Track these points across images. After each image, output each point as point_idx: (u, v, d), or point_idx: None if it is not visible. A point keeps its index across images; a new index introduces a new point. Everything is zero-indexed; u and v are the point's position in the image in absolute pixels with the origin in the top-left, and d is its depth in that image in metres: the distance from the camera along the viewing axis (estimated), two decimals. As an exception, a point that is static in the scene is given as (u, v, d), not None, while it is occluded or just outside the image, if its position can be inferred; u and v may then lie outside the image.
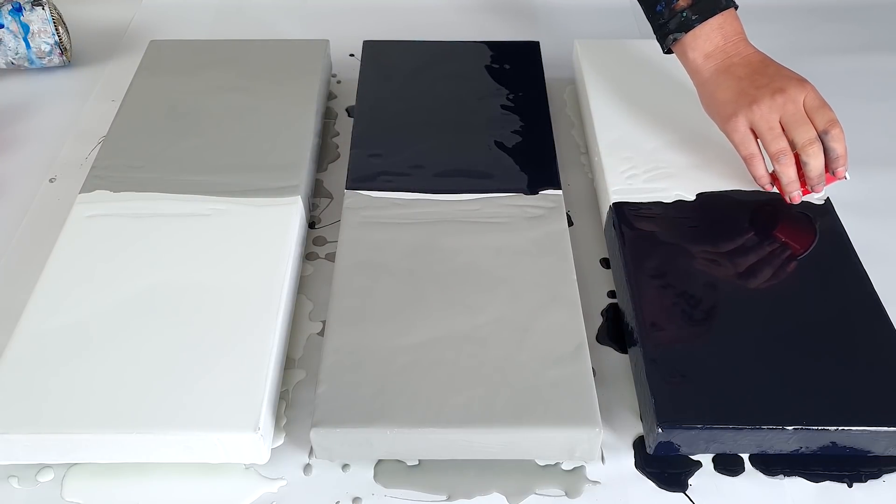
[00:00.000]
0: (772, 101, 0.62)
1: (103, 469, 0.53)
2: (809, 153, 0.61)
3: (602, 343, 0.62)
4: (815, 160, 0.62)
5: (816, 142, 0.61)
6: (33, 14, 0.84)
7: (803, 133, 0.61)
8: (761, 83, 0.63)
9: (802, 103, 0.62)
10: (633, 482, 0.53)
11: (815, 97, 0.62)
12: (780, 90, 0.62)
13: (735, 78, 0.64)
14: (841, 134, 0.61)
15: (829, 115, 0.61)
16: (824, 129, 0.61)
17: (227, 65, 0.80)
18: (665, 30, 0.67)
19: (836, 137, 0.61)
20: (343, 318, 0.57)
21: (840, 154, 0.62)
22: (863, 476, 0.54)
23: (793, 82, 0.62)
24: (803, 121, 0.61)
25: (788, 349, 0.55)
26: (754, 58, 0.65)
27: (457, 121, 0.74)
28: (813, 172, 0.62)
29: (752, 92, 0.63)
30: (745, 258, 0.62)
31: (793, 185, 0.64)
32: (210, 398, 0.51)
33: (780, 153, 0.62)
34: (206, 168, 0.68)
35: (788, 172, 0.63)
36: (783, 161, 0.62)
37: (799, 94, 0.62)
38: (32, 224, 0.71)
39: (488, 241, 0.62)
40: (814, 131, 0.61)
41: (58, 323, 0.56)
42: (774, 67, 0.64)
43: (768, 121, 0.62)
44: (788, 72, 0.64)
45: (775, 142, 0.62)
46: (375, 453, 0.53)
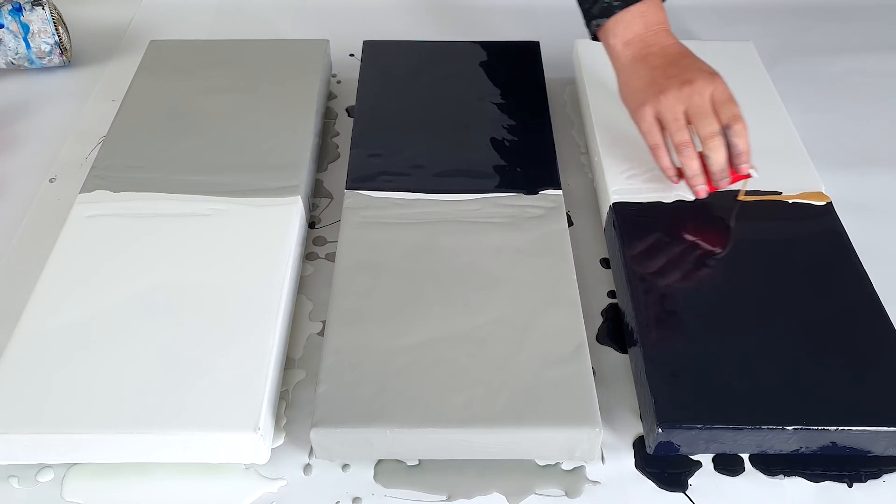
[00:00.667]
0: (678, 92, 0.61)
1: (103, 469, 0.53)
2: (710, 146, 0.61)
3: (602, 343, 0.62)
4: (715, 154, 0.61)
5: (718, 136, 0.60)
6: (33, 14, 0.84)
7: (705, 126, 0.60)
8: (672, 74, 0.62)
9: (710, 97, 0.61)
10: (633, 482, 0.53)
11: (723, 91, 0.61)
12: (688, 82, 0.61)
13: (649, 67, 0.63)
14: (743, 130, 0.60)
15: (734, 111, 0.61)
16: (727, 124, 0.60)
17: (227, 65, 0.80)
18: (590, 15, 0.67)
19: (737, 133, 0.60)
20: (343, 318, 0.57)
21: (742, 150, 0.61)
22: (863, 476, 0.54)
23: (703, 75, 0.61)
24: (707, 114, 0.60)
25: (788, 349, 0.55)
26: (672, 49, 0.64)
27: (457, 121, 0.74)
28: (714, 167, 0.61)
29: (662, 82, 0.62)
30: (744, 258, 0.62)
31: (697, 179, 0.63)
32: (210, 398, 0.51)
33: (682, 145, 0.62)
34: (206, 168, 0.68)
35: (691, 165, 0.62)
36: (685, 153, 0.62)
37: (706, 86, 0.61)
38: (32, 224, 0.71)
39: (488, 241, 0.62)
40: (717, 125, 0.60)
41: (58, 323, 0.56)
42: (689, 60, 0.63)
43: (673, 111, 0.61)
44: (702, 65, 0.63)
45: (678, 133, 0.61)
46: (375, 453, 0.53)
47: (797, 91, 0.86)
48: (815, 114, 0.84)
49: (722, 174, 0.62)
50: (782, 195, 0.67)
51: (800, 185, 0.68)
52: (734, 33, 0.95)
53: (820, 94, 0.87)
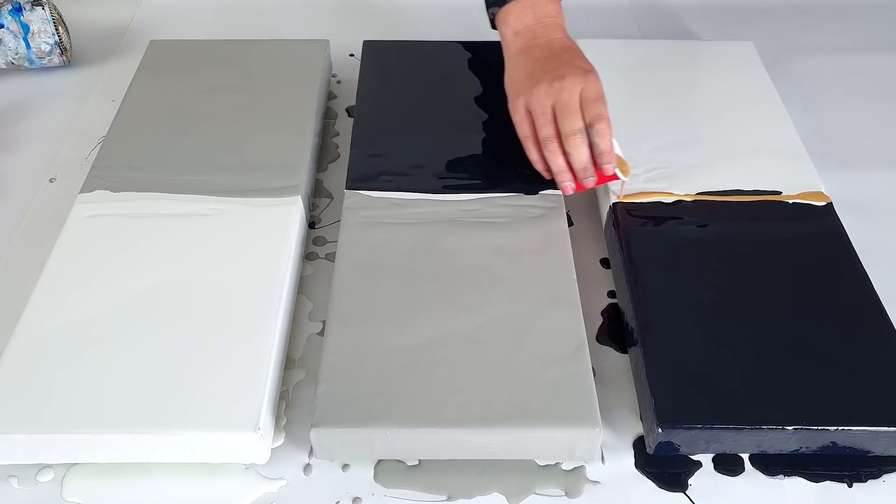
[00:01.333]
0: (549, 86, 0.61)
1: (103, 469, 0.53)
2: (570, 143, 0.60)
3: (602, 343, 0.62)
4: (576, 151, 0.60)
5: (579, 133, 0.60)
6: (33, 14, 0.84)
7: (568, 123, 0.60)
8: (549, 68, 0.62)
9: (579, 94, 0.60)
10: (633, 482, 0.53)
11: (593, 90, 0.61)
12: (561, 77, 0.61)
13: (531, 59, 0.63)
14: (605, 130, 0.60)
15: (599, 110, 0.60)
16: (589, 122, 0.60)
17: (227, 65, 0.80)
18: (488, 2, 0.67)
19: (599, 132, 0.60)
20: (343, 318, 0.57)
21: (603, 150, 0.61)
22: (863, 476, 0.54)
23: (576, 71, 0.61)
24: (572, 111, 0.60)
25: (788, 349, 0.55)
26: (557, 43, 0.64)
27: (457, 121, 0.74)
28: (575, 164, 0.61)
29: (538, 75, 0.62)
30: (745, 258, 0.62)
31: (562, 175, 0.63)
32: (210, 398, 0.51)
33: (545, 139, 0.61)
34: (206, 168, 0.68)
35: (555, 160, 0.62)
36: (549, 148, 0.62)
37: (577, 84, 0.60)
38: (32, 224, 0.71)
39: (488, 241, 0.62)
40: (580, 123, 0.60)
41: (58, 323, 0.56)
42: (570, 55, 0.63)
43: (542, 105, 0.61)
44: (581, 62, 0.63)
45: (543, 128, 0.61)
46: (375, 453, 0.53)
47: (797, 91, 0.86)
48: (815, 114, 0.84)
49: (584, 172, 0.62)
50: (782, 195, 0.67)
51: (800, 185, 0.68)
52: (734, 33, 0.95)
53: (820, 94, 0.87)
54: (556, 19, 0.65)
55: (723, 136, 0.72)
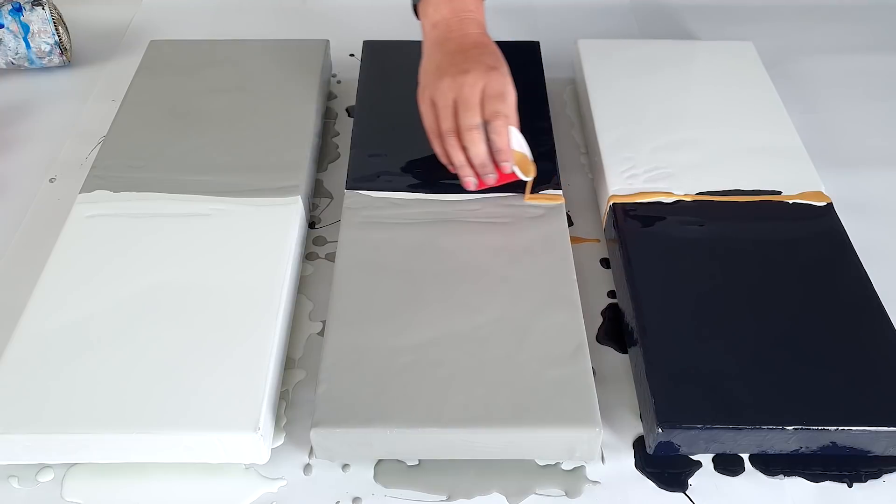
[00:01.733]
0: (452, 80, 0.60)
1: (103, 469, 0.53)
2: (467, 139, 0.60)
3: (602, 343, 0.62)
4: (473, 147, 0.60)
5: (476, 129, 0.60)
6: (33, 14, 0.84)
7: (466, 118, 0.60)
8: (457, 62, 0.61)
9: (481, 90, 0.60)
10: (633, 482, 0.53)
11: (496, 87, 0.60)
12: (465, 72, 0.60)
13: (443, 52, 0.63)
14: (502, 128, 0.60)
15: (497, 107, 0.59)
16: (487, 119, 0.60)
17: (228, 65, 0.80)
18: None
19: (495, 129, 0.60)
20: (343, 318, 0.57)
21: (499, 148, 0.60)
22: (863, 476, 0.54)
23: (481, 67, 0.60)
24: (470, 106, 0.59)
25: (789, 349, 0.55)
26: (470, 38, 0.63)
27: (457, 121, 0.74)
28: (474, 160, 0.61)
29: (445, 69, 0.61)
30: (744, 258, 0.62)
31: (463, 170, 0.63)
32: (210, 398, 0.51)
33: (445, 133, 0.61)
34: (206, 168, 0.68)
35: (455, 154, 0.62)
36: (449, 142, 0.61)
37: (480, 79, 0.60)
38: (32, 224, 0.71)
39: (488, 241, 0.62)
40: (478, 119, 0.60)
41: (58, 323, 0.56)
42: (479, 51, 0.62)
43: (445, 99, 0.60)
44: (489, 59, 0.62)
45: (444, 121, 0.61)
46: (375, 453, 0.53)
47: (797, 91, 0.86)
48: (815, 114, 0.84)
49: (483, 169, 0.62)
50: (782, 195, 0.67)
51: (800, 185, 0.68)
52: (734, 33, 0.95)
53: (820, 94, 0.87)
54: (474, 14, 0.65)
55: (723, 136, 0.72)
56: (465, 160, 0.62)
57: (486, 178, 0.63)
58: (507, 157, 0.61)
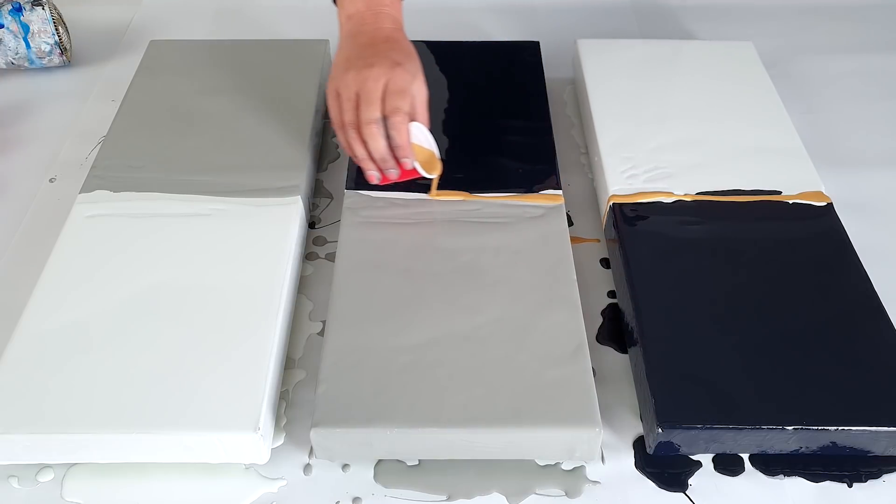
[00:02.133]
0: (357, 73, 0.60)
1: (103, 469, 0.53)
2: (365, 133, 0.60)
3: (602, 343, 0.62)
4: (372, 141, 0.60)
5: (375, 124, 0.60)
6: (33, 14, 0.84)
7: (364, 112, 0.59)
8: (365, 56, 0.61)
9: (384, 85, 0.60)
10: (633, 482, 0.53)
11: (399, 83, 0.59)
12: (370, 66, 0.60)
13: (355, 45, 0.63)
14: (401, 124, 0.59)
15: (397, 103, 0.59)
16: (386, 115, 0.59)
17: (227, 65, 0.80)
18: None
19: (394, 125, 0.59)
20: (343, 318, 0.57)
21: (398, 144, 0.60)
22: (863, 476, 0.54)
23: (386, 62, 0.60)
24: (371, 101, 0.59)
25: (789, 349, 0.55)
26: (382, 33, 0.63)
27: (457, 121, 0.74)
28: (374, 154, 0.61)
29: (352, 62, 0.61)
30: (744, 258, 0.62)
31: (365, 163, 0.63)
32: (210, 398, 0.51)
33: (347, 126, 0.61)
34: (206, 168, 0.68)
35: (356, 148, 0.62)
36: (350, 135, 0.61)
37: (383, 74, 0.59)
38: (32, 224, 0.71)
39: (488, 241, 0.62)
40: (377, 113, 0.59)
41: (58, 323, 0.56)
42: (388, 46, 0.62)
43: (348, 91, 0.60)
44: (396, 54, 0.61)
45: (346, 113, 0.61)
46: (375, 453, 0.53)
47: (797, 91, 0.86)
48: (815, 114, 0.84)
49: (383, 163, 0.62)
50: (782, 195, 0.67)
51: (800, 185, 0.68)
52: (734, 33, 0.95)
53: (820, 94, 0.87)
54: (389, 9, 0.65)
55: (723, 136, 0.72)
56: (366, 154, 0.62)
57: (387, 172, 0.63)
58: (405, 154, 0.61)
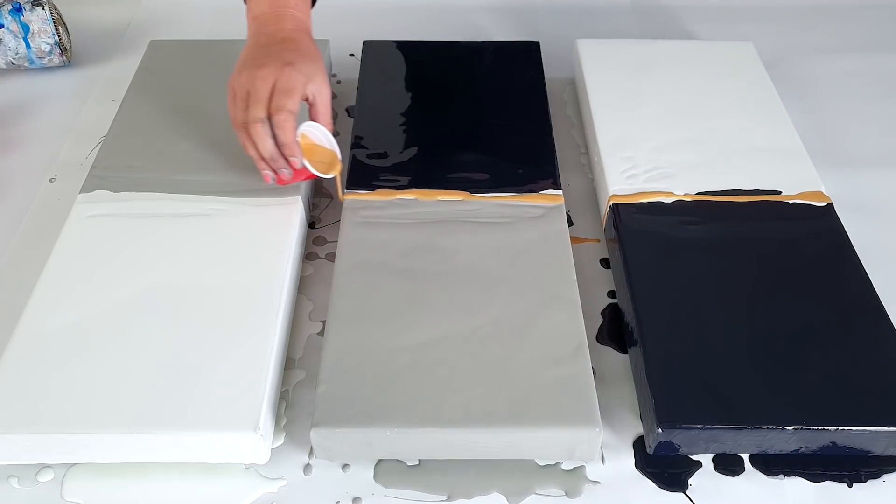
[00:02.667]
0: (249, 74, 0.60)
1: (103, 469, 0.53)
2: (252, 132, 0.60)
3: (602, 343, 0.62)
4: (258, 140, 0.60)
5: (259, 123, 0.59)
6: (33, 14, 0.84)
7: (250, 111, 0.59)
8: (260, 56, 0.61)
9: (272, 85, 0.60)
10: (633, 482, 0.53)
11: (286, 83, 0.59)
12: (261, 66, 0.60)
13: (256, 45, 0.63)
14: (285, 123, 0.59)
15: (281, 102, 0.59)
16: (271, 113, 0.59)
17: (227, 65, 0.79)
18: None
19: (277, 124, 0.59)
20: (343, 318, 0.57)
21: (283, 142, 0.60)
22: (863, 476, 0.54)
23: (277, 63, 0.60)
24: (258, 100, 0.59)
25: (789, 349, 0.55)
26: (282, 34, 0.63)
27: (457, 121, 0.74)
28: (262, 153, 0.61)
29: (248, 62, 0.61)
30: (744, 258, 0.62)
31: (258, 163, 0.62)
32: (210, 398, 0.51)
33: (238, 125, 0.61)
34: (206, 168, 0.68)
35: (247, 147, 0.62)
36: (241, 134, 0.61)
37: (272, 74, 0.60)
38: (32, 224, 0.71)
39: (488, 241, 0.62)
40: (262, 112, 0.59)
41: (58, 323, 0.56)
42: (284, 47, 0.62)
43: (241, 91, 0.60)
44: (289, 55, 0.61)
45: (237, 112, 0.61)
46: (375, 453, 0.53)
47: (797, 91, 0.87)
48: (815, 114, 0.84)
49: (274, 162, 0.61)
50: (782, 195, 0.67)
51: (800, 185, 0.68)
52: (734, 33, 0.95)
53: (820, 94, 0.87)
54: (294, 11, 0.65)
55: (723, 136, 0.72)
56: (257, 153, 0.62)
57: (280, 172, 0.62)
58: (291, 152, 0.61)
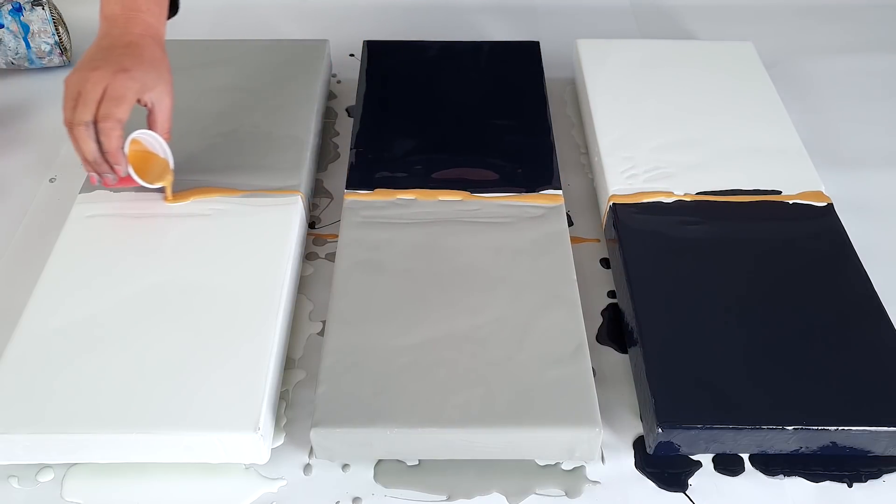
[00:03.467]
0: (82, 75, 0.59)
1: (103, 469, 0.53)
2: (74, 134, 0.59)
3: (602, 343, 0.62)
4: (81, 143, 0.59)
5: (82, 126, 0.59)
6: (33, 14, 0.84)
7: (76, 114, 0.59)
8: (96, 58, 0.61)
9: (103, 90, 0.59)
10: (633, 482, 0.53)
11: (117, 89, 0.59)
12: (95, 69, 0.60)
13: (98, 47, 0.62)
14: (111, 132, 0.59)
15: (108, 109, 0.58)
16: (97, 120, 0.59)
17: (227, 65, 0.80)
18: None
19: (102, 131, 0.59)
20: (343, 318, 0.57)
21: (106, 149, 0.59)
22: (863, 476, 0.54)
23: (111, 67, 0.59)
24: (85, 103, 0.59)
25: (788, 349, 0.55)
26: (126, 38, 0.63)
27: (457, 121, 0.74)
28: (86, 156, 0.60)
29: (86, 63, 0.61)
30: (745, 258, 0.62)
31: (85, 165, 0.62)
32: (210, 398, 0.51)
33: (65, 123, 0.60)
34: (205, 168, 0.68)
35: (74, 147, 0.61)
36: (69, 133, 0.60)
37: (104, 79, 0.59)
38: (32, 224, 0.71)
39: (488, 241, 0.62)
40: (87, 116, 0.59)
41: (58, 323, 0.56)
42: (125, 51, 0.61)
43: (72, 92, 0.60)
44: (129, 61, 0.60)
45: (66, 111, 0.60)
46: (375, 453, 0.53)
47: (797, 91, 0.87)
48: (815, 114, 0.84)
49: (98, 167, 0.61)
50: (782, 195, 0.67)
51: (800, 185, 0.68)
52: (734, 33, 0.95)
53: (820, 94, 0.87)
54: (144, 15, 0.64)
55: (723, 136, 0.72)
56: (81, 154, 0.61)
57: (104, 176, 0.62)
58: (115, 160, 0.60)
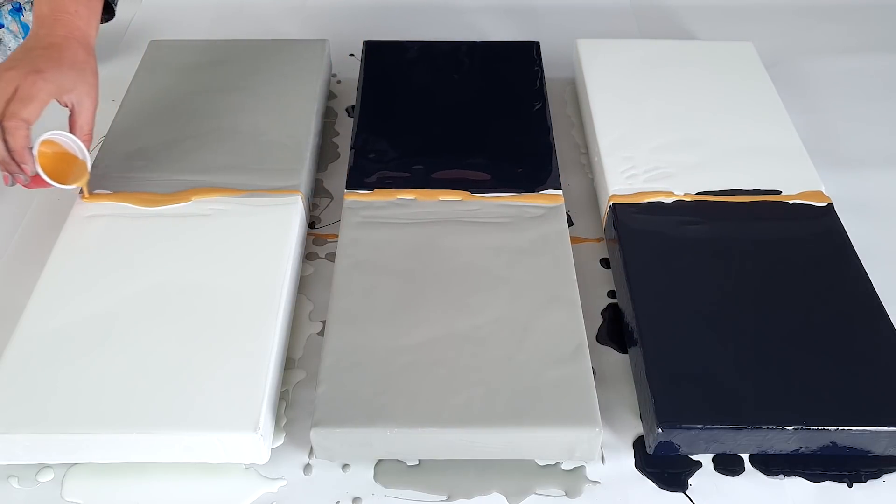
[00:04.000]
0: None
1: (103, 469, 0.53)
2: None
3: (602, 343, 0.62)
4: None
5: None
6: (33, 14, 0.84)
7: None
8: (15, 58, 0.61)
9: (14, 90, 0.59)
10: (633, 482, 0.53)
11: (26, 91, 0.59)
12: (9, 69, 0.60)
13: (22, 47, 0.62)
14: (16, 131, 0.58)
15: (14, 109, 0.58)
16: (2, 119, 0.58)
17: (227, 65, 0.80)
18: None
19: (8, 130, 0.58)
20: (343, 318, 0.57)
21: (12, 148, 0.59)
22: (863, 476, 0.54)
23: (25, 68, 0.60)
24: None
25: (788, 349, 0.55)
26: (49, 39, 0.63)
27: (457, 121, 0.74)
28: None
29: (4, 64, 0.61)
30: (744, 258, 0.62)
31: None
32: (210, 398, 0.51)
33: None
34: (206, 168, 0.68)
35: None
36: None
37: (16, 79, 0.59)
38: (32, 224, 0.71)
39: (488, 241, 0.62)
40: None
41: (58, 323, 0.56)
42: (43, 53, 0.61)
43: None
44: (45, 63, 0.60)
45: None
46: (375, 453, 0.53)
47: (797, 91, 0.87)
48: (815, 114, 0.84)
49: (6, 167, 0.60)
50: (782, 195, 0.67)
51: (800, 185, 0.68)
52: (734, 33, 0.95)
53: (820, 94, 0.87)
54: (71, 17, 0.64)
55: (723, 136, 0.72)
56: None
57: (15, 176, 0.61)
58: (21, 159, 0.60)
